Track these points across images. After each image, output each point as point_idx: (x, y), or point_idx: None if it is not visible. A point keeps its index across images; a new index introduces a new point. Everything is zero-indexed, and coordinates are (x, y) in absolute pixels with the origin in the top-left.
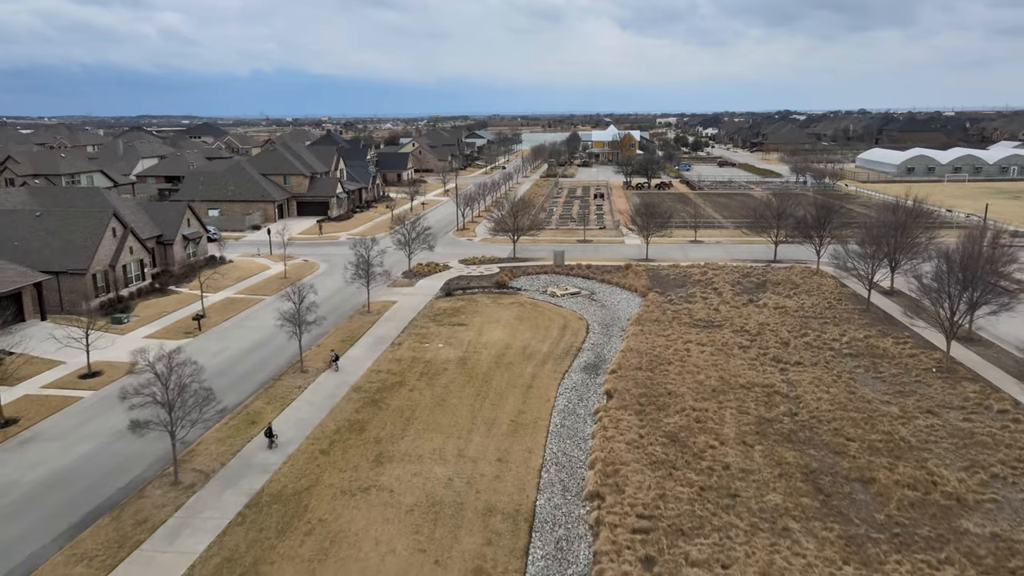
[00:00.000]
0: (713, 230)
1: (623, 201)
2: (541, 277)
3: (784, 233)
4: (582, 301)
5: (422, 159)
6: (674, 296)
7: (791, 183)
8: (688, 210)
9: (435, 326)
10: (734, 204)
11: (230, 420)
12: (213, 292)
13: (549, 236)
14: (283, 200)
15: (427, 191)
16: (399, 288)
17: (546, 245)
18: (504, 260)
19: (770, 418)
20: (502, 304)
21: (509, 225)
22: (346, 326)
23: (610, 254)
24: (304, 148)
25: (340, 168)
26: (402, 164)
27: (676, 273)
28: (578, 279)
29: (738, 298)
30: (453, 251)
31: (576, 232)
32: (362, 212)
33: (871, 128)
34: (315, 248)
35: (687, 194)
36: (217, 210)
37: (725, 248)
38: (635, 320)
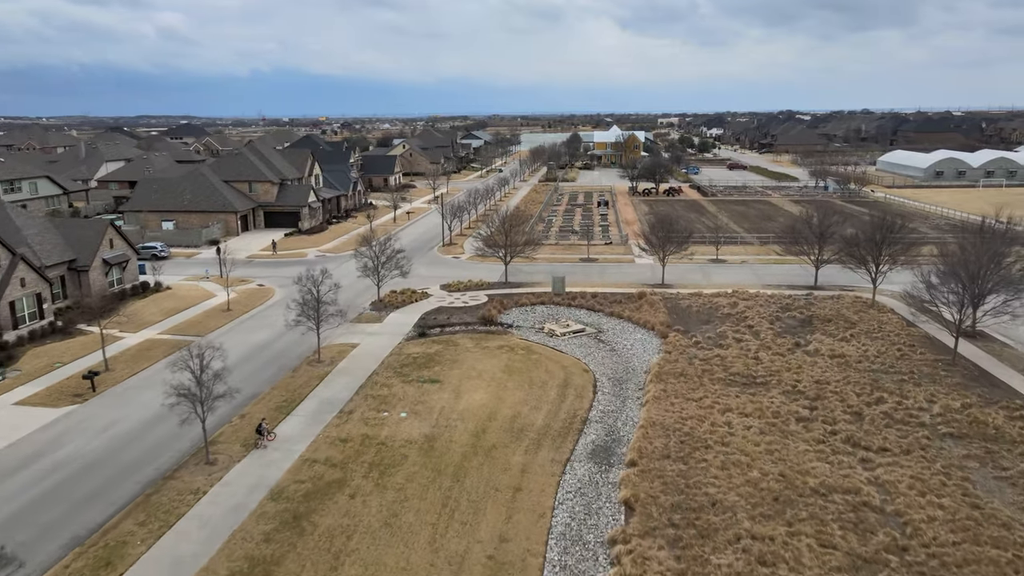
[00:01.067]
0: (736, 247)
1: (630, 210)
2: (537, 309)
3: (830, 253)
4: (587, 343)
5: (413, 162)
6: (700, 337)
7: (810, 188)
8: (704, 221)
9: (400, 383)
10: (753, 214)
11: (74, 560)
12: (132, 331)
13: (547, 253)
14: (247, 210)
15: (415, 197)
16: (364, 325)
17: (544, 265)
18: (494, 286)
19: (868, 556)
20: (488, 348)
21: (499, 242)
22: (287, 383)
23: (619, 277)
24: (275, 152)
25: (315, 174)
26: (389, 168)
27: (699, 304)
28: (581, 311)
29: (781, 340)
30: (435, 273)
31: (578, 248)
32: (339, 223)
33: (884, 128)
34: (275, 269)
35: (699, 201)
36: (172, 222)
37: (753, 270)
38: (655, 374)
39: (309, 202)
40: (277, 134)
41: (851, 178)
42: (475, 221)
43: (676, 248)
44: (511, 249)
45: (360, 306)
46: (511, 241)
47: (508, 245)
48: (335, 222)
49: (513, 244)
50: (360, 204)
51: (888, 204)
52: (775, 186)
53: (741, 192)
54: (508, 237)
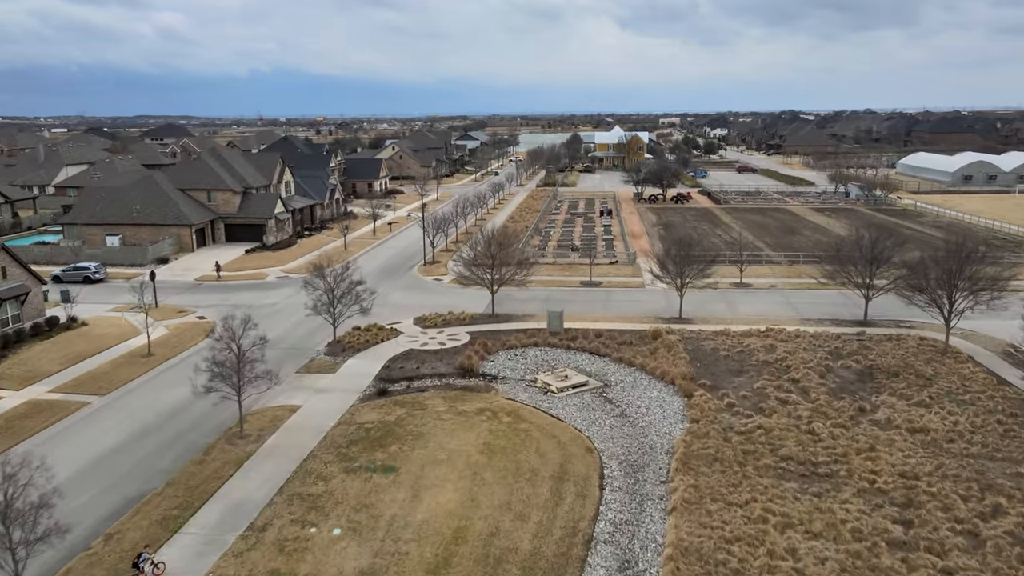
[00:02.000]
0: (761, 267)
1: (636, 220)
2: (529, 353)
3: (885, 282)
4: (590, 403)
5: (403, 165)
6: (734, 396)
7: (830, 194)
8: (719, 234)
9: (342, 472)
10: (774, 225)
11: None
12: (16, 387)
13: (544, 274)
14: (205, 223)
15: (401, 204)
16: (313, 377)
17: (539, 291)
18: (478, 319)
19: None
20: (464, 414)
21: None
22: (190, 475)
23: (628, 307)
24: (240, 157)
25: (286, 181)
26: (374, 172)
27: (727, 346)
28: (583, 355)
29: (838, 403)
30: (411, 300)
31: (579, 269)
32: (312, 236)
33: (896, 129)
34: (225, 294)
35: (711, 210)
36: (118, 236)
37: (785, 297)
38: (682, 457)
39: (276, 213)
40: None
41: (876, 183)
42: (464, 233)
43: (697, 275)
44: (499, 276)
45: (313, 348)
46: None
47: (495, 267)
48: (307, 235)
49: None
50: (338, 214)
51: (921, 213)
52: (791, 192)
53: (755, 199)
54: (495, 262)
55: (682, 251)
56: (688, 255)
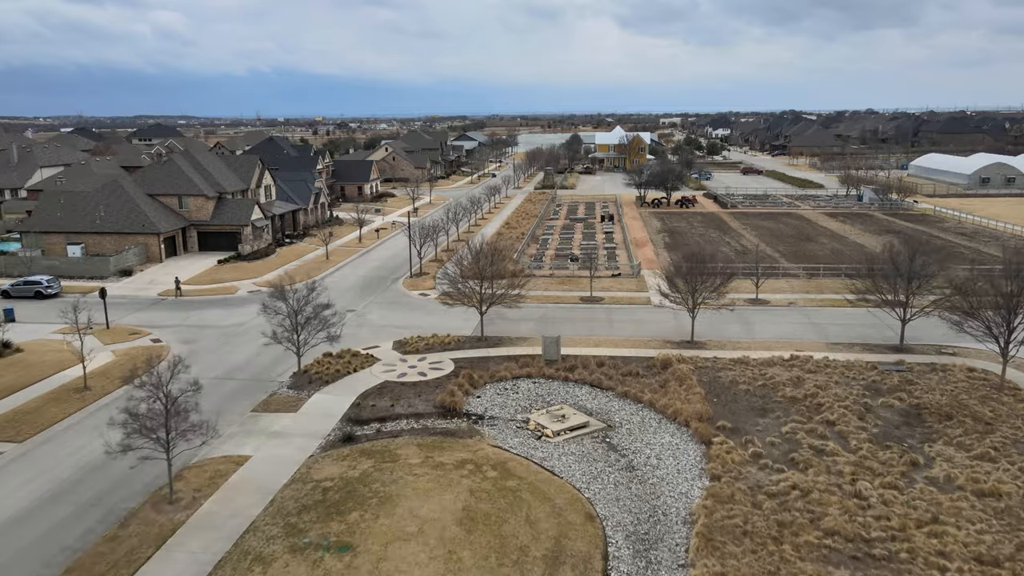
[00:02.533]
0: (778, 280)
1: (639, 226)
2: (521, 386)
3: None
4: (591, 452)
5: (396, 167)
6: (760, 444)
7: (841, 198)
8: (729, 241)
9: (287, 554)
10: (787, 232)
11: None
12: None
13: (540, 288)
14: (175, 231)
15: (392, 209)
16: (270, 417)
17: (533, 309)
18: (464, 343)
19: None
20: (442, 467)
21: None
22: (97, 557)
23: (632, 328)
24: (216, 159)
25: (266, 185)
26: (364, 175)
27: (748, 378)
28: (583, 389)
29: (885, 453)
30: (393, 319)
31: (579, 282)
32: (293, 244)
33: (903, 129)
34: (188, 312)
35: (719, 215)
36: (80, 246)
37: (807, 316)
38: (703, 534)
39: (252, 220)
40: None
41: (891, 187)
42: (456, 240)
43: (711, 294)
44: (489, 293)
45: (276, 380)
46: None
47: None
48: (288, 243)
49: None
50: (324, 219)
51: (941, 218)
52: (801, 195)
53: (764, 203)
54: (484, 278)
55: (694, 267)
56: (700, 271)
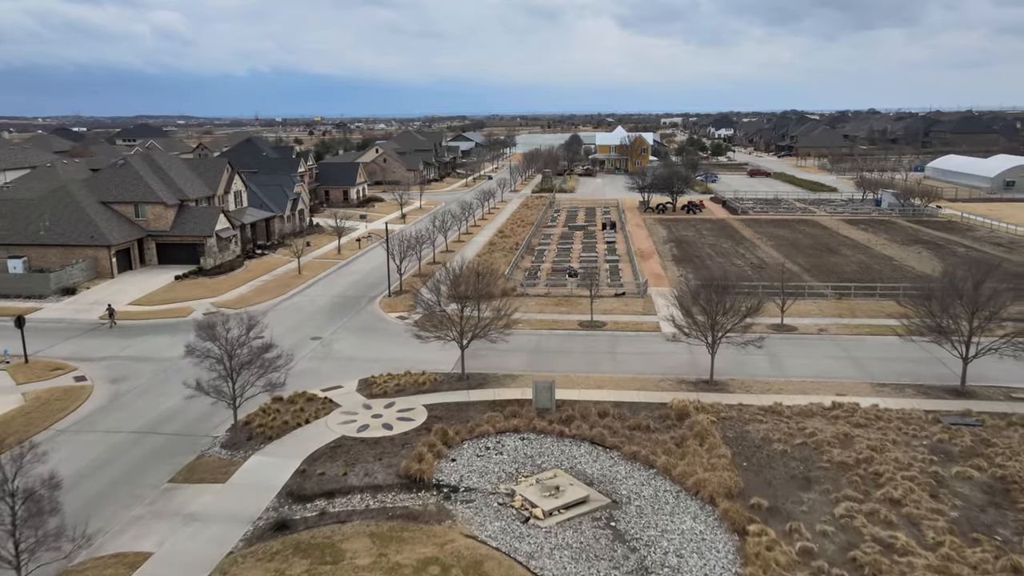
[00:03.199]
0: (803, 301)
1: (644, 235)
2: (506, 443)
3: (994, 336)
4: (592, 542)
5: (386, 169)
6: (807, 532)
7: (857, 202)
8: (742, 253)
9: None
10: (805, 242)
11: None
12: None
13: (534, 309)
14: (130, 242)
15: (378, 215)
16: (192, 488)
17: (524, 337)
18: (441, 383)
19: None
20: (399, 572)
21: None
22: None
23: (640, 362)
24: (180, 163)
25: (235, 190)
26: (350, 178)
27: (782, 432)
28: (582, 447)
29: (973, 552)
30: (362, 350)
31: (578, 303)
32: (266, 255)
33: (913, 129)
34: (126, 341)
35: (729, 222)
36: (23, 259)
37: (842, 347)
38: None
39: (217, 230)
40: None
41: (913, 191)
42: (445, 251)
43: (737, 326)
44: (471, 324)
45: (209, 435)
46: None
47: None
48: (260, 254)
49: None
50: (302, 227)
51: (970, 226)
52: (814, 200)
53: (776, 208)
54: (466, 310)
55: (714, 294)
56: (721, 296)
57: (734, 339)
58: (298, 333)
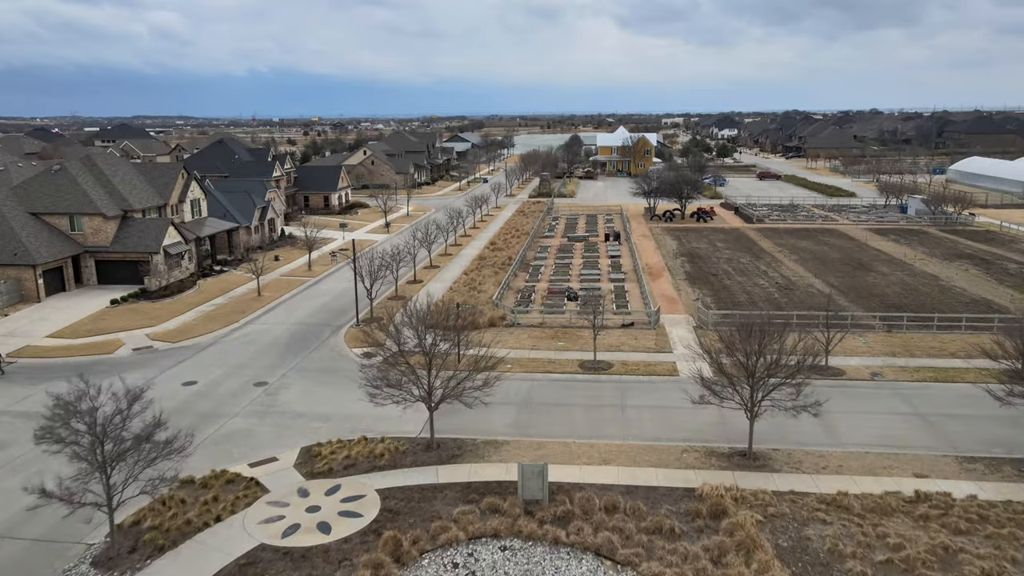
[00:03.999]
0: (851, 339)
1: (651, 246)
2: (482, 554)
3: None
4: None
5: (374, 172)
6: None
7: (880, 208)
8: (766, 270)
9: None
10: (834, 257)
11: None
12: None
13: (526, 344)
14: (62, 260)
15: (361, 223)
16: None
17: (513, 385)
18: (403, 456)
19: None
20: None
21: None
22: None
23: (656, 421)
24: (129, 168)
25: (192, 198)
26: (331, 183)
27: (857, 543)
28: (583, 561)
29: None
30: (314, 403)
31: (578, 336)
32: (226, 273)
33: (925, 129)
34: (27, 389)
35: (744, 231)
36: None
37: (906, 400)
38: None
39: (165, 245)
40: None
41: (944, 197)
42: (429, 267)
43: (787, 382)
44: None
45: (83, 541)
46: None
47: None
48: (219, 271)
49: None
50: (272, 239)
51: (1013, 237)
52: (833, 205)
53: (793, 215)
54: (434, 373)
55: (755, 344)
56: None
57: (782, 402)
58: (241, 376)
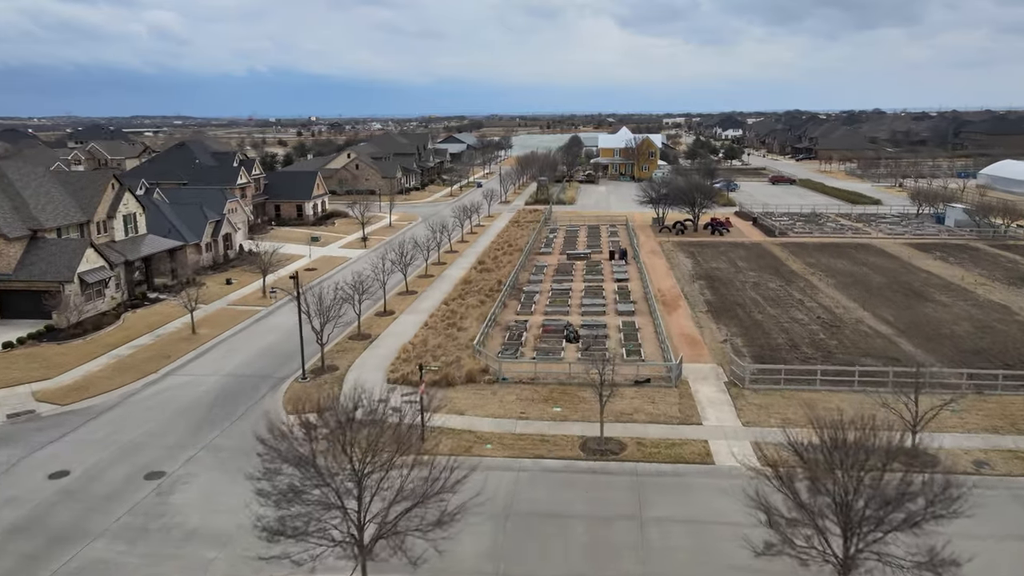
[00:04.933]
0: (927, 395)
1: (663, 266)
2: None
3: None
4: None
5: (359, 176)
6: None
7: (912, 217)
8: (802, 299)
9: None
10: (878, 280)
11: None
12: None
13: (513, 414)
14: None
15: (338, 235)
16: None
17: (492, 476)
18: None
19: None
20: None
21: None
22: None
23: (688, 555)
24: (47, 179)
25: (125, 213)
26: (305, 191)
27: None
28: None
29: None
30: (217, 511)
31: (578, 398)
32: (158, 303)
33: (940, 130)
34: None
35: (766, 247)
36: None
37: None
38: None
39: (81, 271)
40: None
41: (992, 207)
42: (406, 292)
43: (901, 526)
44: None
45: None
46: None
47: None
48: (154, 299)
49: (445, 384)
50: (227, 257)
51: None
52: (860, 214)
53: (819, 226)
54: (368, 497)
55: (851, 464)
56: (856, 461)
57: (896, 560)
58: (133, 461)
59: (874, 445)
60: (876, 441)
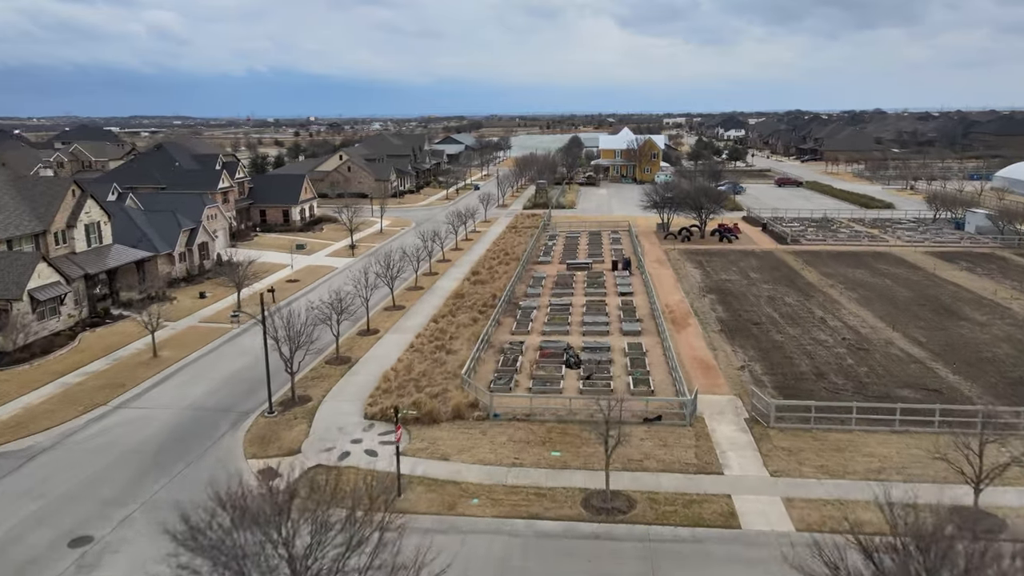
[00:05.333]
0: (992, 449)
1: (670, 278)
2: None
3: None
4: None
5: (351, 179)
6: None
7: (929, 223)
8: (825, 318)
9: None
10: (904, 294)
11: None
12: None
13: (505, 462)
14: None
15: (327, 242)
16: None
17: (480, 541)
18: None
19: None
20: None
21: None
22: None
23: None
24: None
25: (87, 222)
26: (292, 195)
27: None
28: None
29: None
30: None
31: (580, 441)
32: (120, 321)
33: (947, 131)
34: None
35: (779, 255)
36: None
37: None
38: None
39: (31, 288)
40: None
41: (1017, 213)
42: (393, 307)
43: None
44: None
45: None
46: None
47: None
48: (117, 316)
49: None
50: (203, 268)
51: None
52: (874, 220)
53: (832, 233)
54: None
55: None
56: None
57: None
58: (59, 522)
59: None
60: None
